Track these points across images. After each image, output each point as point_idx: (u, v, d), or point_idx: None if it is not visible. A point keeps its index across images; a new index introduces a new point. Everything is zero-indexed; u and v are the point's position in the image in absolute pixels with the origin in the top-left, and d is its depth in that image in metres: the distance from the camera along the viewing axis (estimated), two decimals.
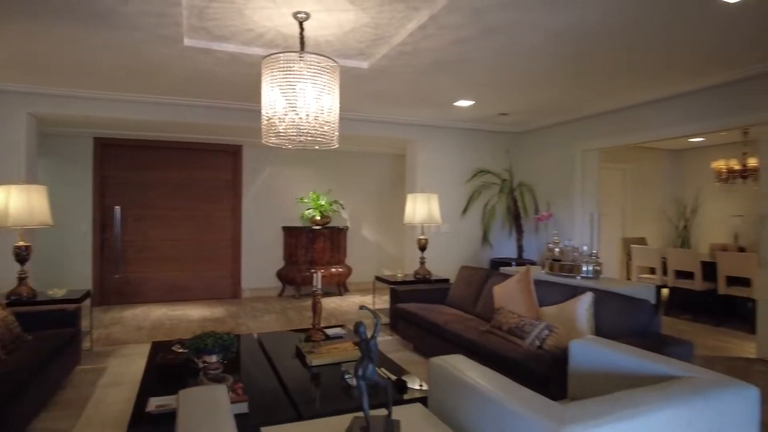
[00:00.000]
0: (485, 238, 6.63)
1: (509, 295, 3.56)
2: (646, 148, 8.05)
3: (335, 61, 2.93)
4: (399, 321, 4.52)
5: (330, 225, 7.16)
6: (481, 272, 4.48)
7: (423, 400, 2.02)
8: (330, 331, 3.56)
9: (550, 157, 6.50)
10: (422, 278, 5.41)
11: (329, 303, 6.62)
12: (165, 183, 6.84)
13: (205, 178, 7.04)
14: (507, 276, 3.97)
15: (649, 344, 2.47)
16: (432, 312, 4.16)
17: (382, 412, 1.41)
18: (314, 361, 2.83)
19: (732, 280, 5.53)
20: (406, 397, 2.34)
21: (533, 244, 6.55)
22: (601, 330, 3.01)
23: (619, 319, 2.94)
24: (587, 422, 1.26)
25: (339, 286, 7.30)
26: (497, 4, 2.88)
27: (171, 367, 2.71)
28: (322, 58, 2.84)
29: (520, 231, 6.50)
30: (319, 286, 3.41)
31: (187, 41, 3.56)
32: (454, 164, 6.66)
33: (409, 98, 5.24)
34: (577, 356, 2.09)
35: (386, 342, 4.69)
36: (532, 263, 6.20)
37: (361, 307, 1.46)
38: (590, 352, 2.02)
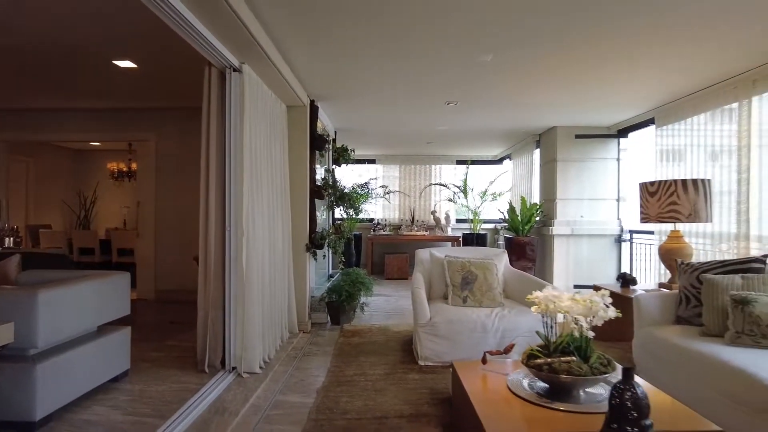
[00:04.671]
0: None
1: None
2: (50, 145, 8.92)
3: None
4: None
5: None
6: None
7: None
8: None
9: None
10: None
11: None
12: None
13: None
14: None
15: None
16: None
17: None
18: None
19: (122, 252, 7.52)
20: None
21: None
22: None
23: (45, 267, 4.05)
24: (49, 288, 2.54)
25: None
26: None
27: None
28: None
29: None
30: None
31: None
32: None
33: None
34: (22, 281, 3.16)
35: None
36: None
37: None
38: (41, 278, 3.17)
